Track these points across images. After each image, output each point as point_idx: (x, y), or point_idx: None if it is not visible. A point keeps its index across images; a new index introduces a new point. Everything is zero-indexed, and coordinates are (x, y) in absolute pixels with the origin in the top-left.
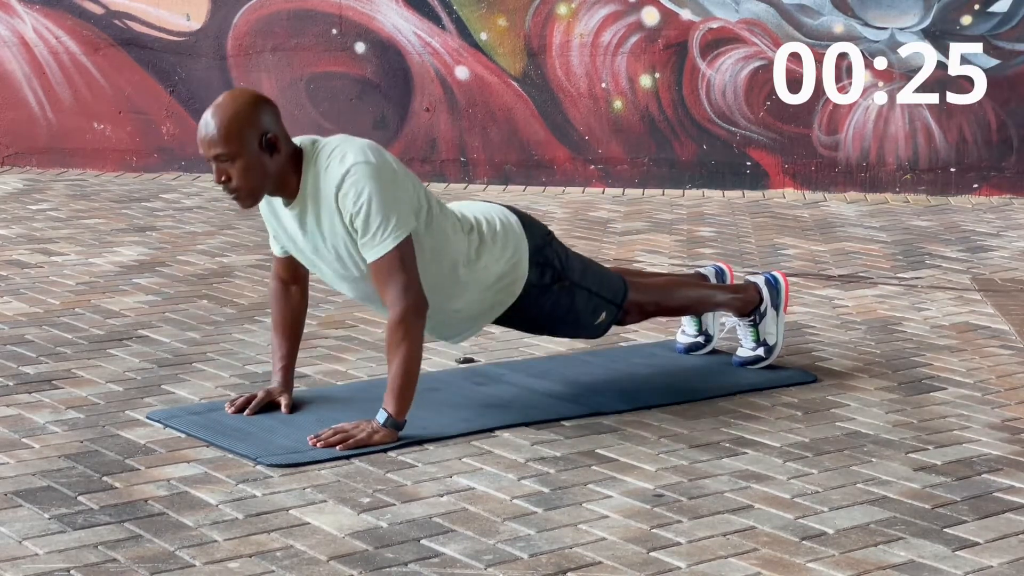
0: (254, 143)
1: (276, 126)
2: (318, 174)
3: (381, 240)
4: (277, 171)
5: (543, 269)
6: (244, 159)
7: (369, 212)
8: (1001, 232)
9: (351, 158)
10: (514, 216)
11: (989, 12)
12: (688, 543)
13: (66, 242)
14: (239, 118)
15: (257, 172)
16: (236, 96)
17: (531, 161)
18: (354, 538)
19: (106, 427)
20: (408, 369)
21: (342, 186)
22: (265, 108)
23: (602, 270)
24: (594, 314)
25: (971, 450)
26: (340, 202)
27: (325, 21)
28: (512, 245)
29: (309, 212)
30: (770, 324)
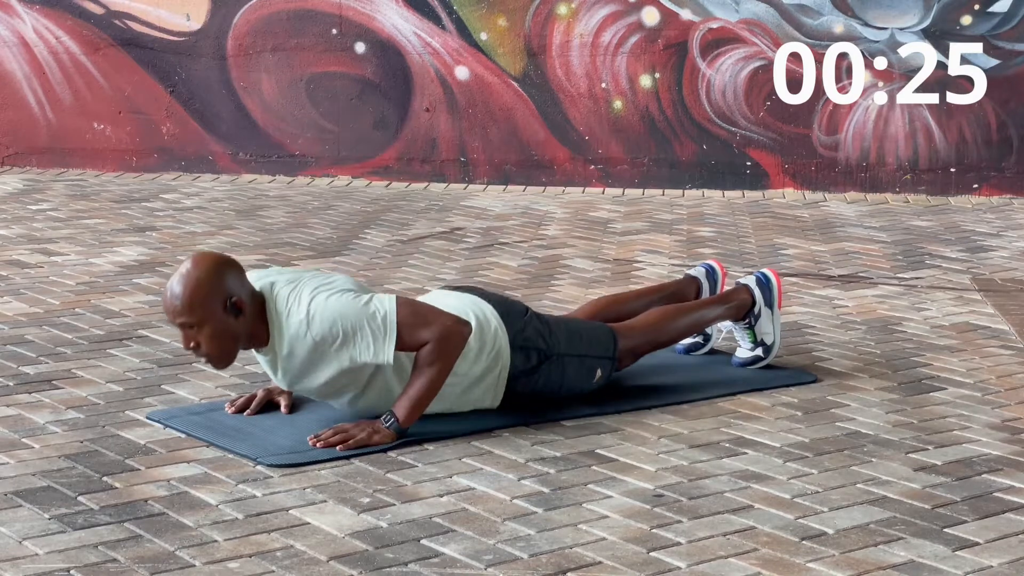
0: (219, 309)
1: (240, 287)
2: (280, 322)
3: (383, 331)
4: (245, 330)
5: (527, 353)
6: (210, 326)
7: (350, 329)
8: (1001, 232)
9: (305, 297)
10: (488, 306)
11: (989, 12)
12: (688, 543)
13: (66, 242)
14: (201, 286)
15: (225, 337)
16: (198, 263)
17: (531, 161)
18: (354, 538)
19: (106, 427)
20: (431, 386)
21: (310, 329)
22: (227, 272)
23: (587, 329)
24: (589, 375)
25: (971, 450)
26: (320, 344)
27: (325, 21)
28: (490, 342)
29: (281, 358)
30: (766, 324)
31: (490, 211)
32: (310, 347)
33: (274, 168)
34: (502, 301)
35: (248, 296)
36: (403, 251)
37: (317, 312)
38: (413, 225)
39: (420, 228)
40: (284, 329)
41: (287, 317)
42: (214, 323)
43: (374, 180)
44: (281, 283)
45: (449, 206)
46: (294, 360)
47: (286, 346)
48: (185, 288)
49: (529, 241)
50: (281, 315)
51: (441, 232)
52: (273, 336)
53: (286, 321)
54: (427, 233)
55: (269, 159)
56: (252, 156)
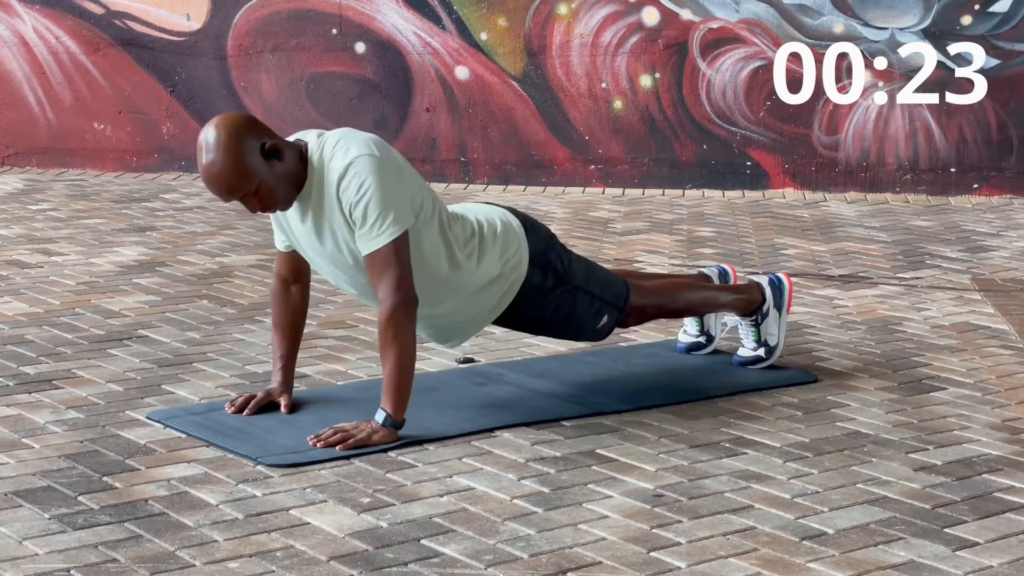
0: (260, 164)
1: (265, 134)
2: (322, 166)
3: (378, 234)
4: (292, 171)
5: (545, 272)
6: (262, 183)
7: (368, 204)
8: (1001, 232)
9: (355, 151)
10: (515, 218)
11: (989, 12)
12: (688, 543)
13: (66, 242)
14: (232, 155)
15: (280, 184)
16: (218, 134)
17: (531, 161)
18: (354, 538)
19: (106, 427)
20: (402, 367)
21: (344, 177)
22: (247, 129)
23: (605, 273)
24: (596, 317)
25: (971, 450)
26: (341, 193)
27: (325, 21)
28: (512, 247)
29: (311, 204)
30: (772, 325)
31: None
32: (335, 196)
33: None
34: (530, 219)
35: (280, 140)
36: None
37: (356, 168)
38: None
39: None
40: (325, 169)
41: (330, 159)
42: (263, 178)
43: None
44: (328, 134)
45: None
46: (322, 202)
47: (320, 185)
48: (221, 167)
49: None
50: (325, 158)
51: None
52: (311, 177)
53: (328, 165)
54: None
55: None
56: None
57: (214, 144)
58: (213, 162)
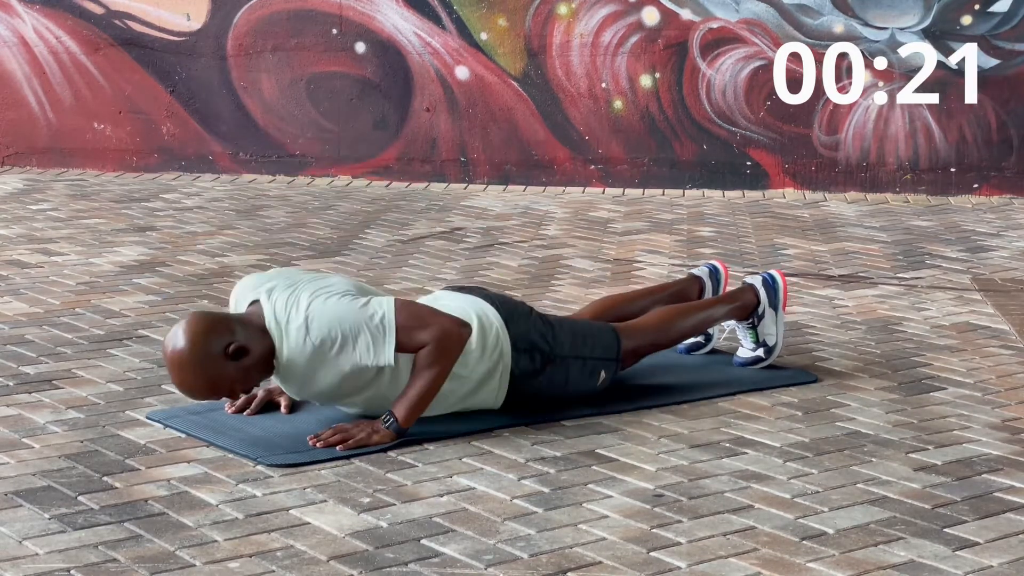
0: (228, 368)
1: (227, 334)
2: (281, 332)
3: (382, 333)
4: (261, 354)
5: (531, 355)
6: (234, 381)
7: (350, 333)
8: (1001, 232)
9: (304, 301)
10: (491, 308)
11: (989, 12)
12: (688, 543)
13: (66, 242)
14: (199, 368)
15: (251, 374)
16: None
17: (531, 161)
18: (354, 538)
19: (106, 427)
20: (431, 387)
21: (309, 334)
22: (207, 335)
23: (591, 330)
24: (592, 377)
25: (971, 450)
26: (320, 349)
27: (325, 21)
28: (490, 343)
29: (282, 365)
30: (769, 325)
31: (490, 211)
32: (310, 352)
33: (274, 168)
34: (505, 302)
35: (242, 330)
36: (403, 251)
37: (315, 316)
38: (413, 225)
39: (420, 228)
40: (284, 337)
41: (286, 324)
42: (235, 376)
43: (374, 180)
44: (280, 288)
45: (449, 206)
46: (296, 367)
47: (287, 353)
48: (189, 382)
49: (529, 241)
50: (280, 324)
51: (441, 232)
52: (276, 345)
53: (285, 329)
54: (427, 233)
55: (269, 159)
56: (252, 156)
57: (180, 362)
58: (183, 379)
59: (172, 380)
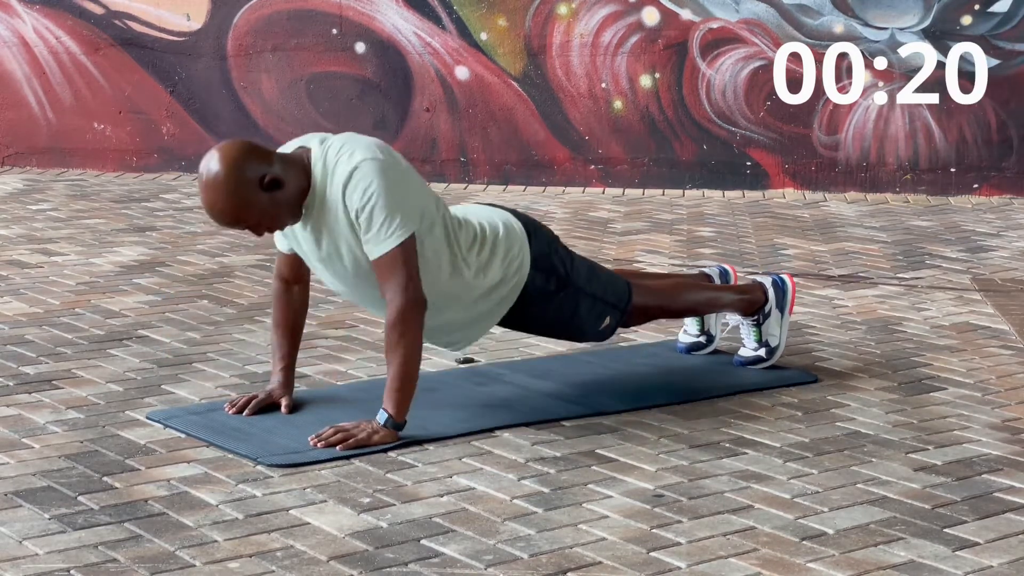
0: (260, 198)
1: (264, 163)
2: (326, 173)
3: (385, 237)
4: (295, 193)
5: (548, 275)
6: (263, 215)
7: (374, 208)
8: (1001, 232)
9: (359, 155)
10: (518, 222)
11: (989, 12)
12: (688, 543)
13: (66, 242)
14: (231, 194)
15: (282, 211)
16: (217, 171)
17: (531, 161)
18: (354, 538)
19: (106, 427)
20: (407, 368)
21: (349, 182)
22: (245, 162)
23: (607, 274)
24: (598, 319)
25: (971, 450)
26: (347, 198)
27: (325, 21)
28: (514, 250)
29: (314, 212)
30: (773, 325)
31: None
32: (340, 201)
33: None
34: (532, 222)
35: (280, 164)
36: None
37: (362, 174)
38: None
39: None
40: (328, 178)
41: (333, 168)
42: (263, 208)
43: None
44: (334, 141)
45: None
46: (328, 211)
47: (324, 193)
48: (220, 203)
49: None
50: (328, 166)
51: None
52: (314, 185)
53: (332, 171)
54: None
55: None
56: None
57: (212, 182)
58: (214, 201)
59: (202, 202)
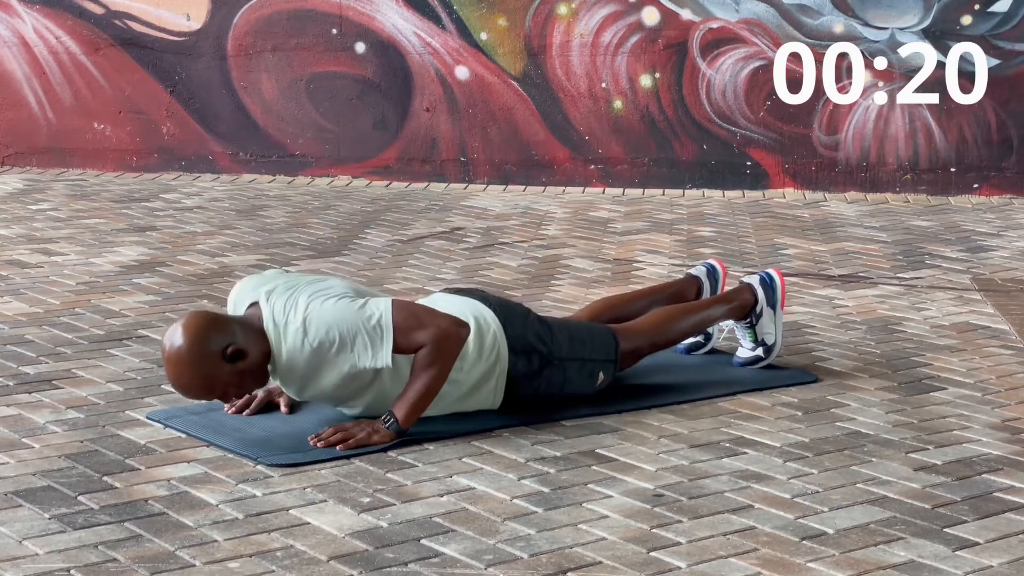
0: (225, 369)
1: (225, 335)
2: (278, 333)
3: (380, 336)
4: (258, 358)
5: (529, 357)
6: (227, 384)
7: (347, 334)
8: (1001, 232)
9: (302, 304)
10: (487, 310)
11: (989, 12)
12: (688, 543)
13: (66, 242)
14: (196, 368)
15: (247, 378)
16: (180, 348)
17: (531, 161)
18: (354, 538)
19: (106, 427)
20: (430, 388)
21: (307, 336)
22: (208, 336)
23: (588, 332)
24: (591, 378)
25: (971, 450)
26: (318, 350)
27: (325, 21)
28: (487, 343)
29: (281, 369)
30: (767, 324)
31: (490, 211)
32: (308, 354)
33: (274, 168)
34: (502, 304)
35: (242, 332)
36: (403, 251)
37: (313, 318)
38: (413, 225)
39: (420, 228)
40: (282, 339)
41: (284, 326)
42: (229, 379)
43: (374, 180)
44: (278, 291)
45: (449, 206)
46: (296, 369)
47: (285, 355)
48: (184, 380)
49: (529, 241)
50: (279, 325)
51: (441, 232)
52: (273, 347)
53: (284, 330)
54: (427, 233)
55: (269, 159)
56: (252, 156)
57: (176, 357)
58: (179, 375)
59: (167, 376)
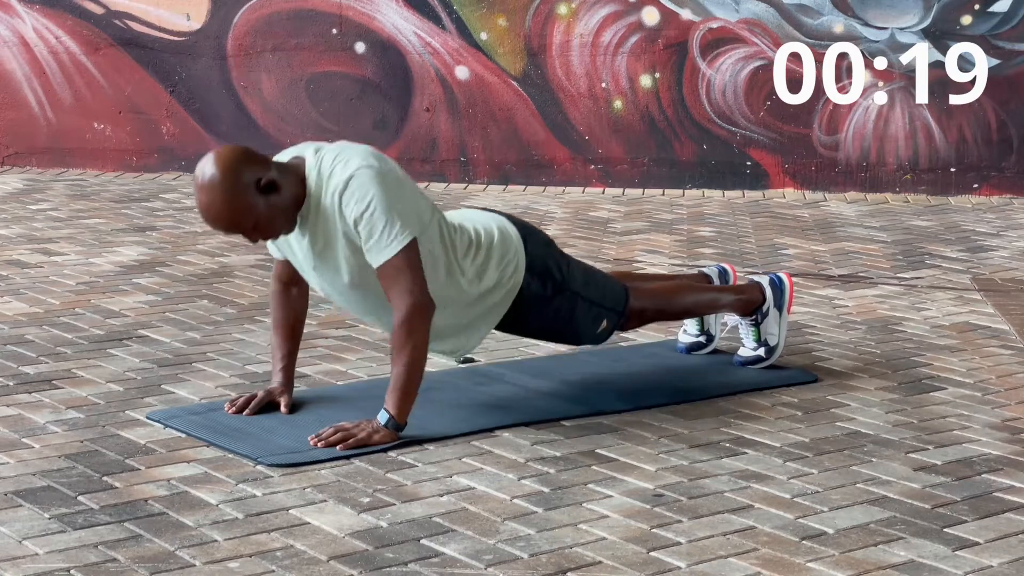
0: (257, 201)
1: (261, 168)
2: (321, 183)
3: (387, 244)
4: (291, 199)
5: (544, 280)
6: (259, 219)
7: (374, 216)
8: (1001, 232)
9: (355, 163)
10: (512, 226)
11: (989, 12)
12: (688, 543)
13: (66, 242)
14: (227, 196)
15: (278, 216)
16: (213, 174)
17: (531, 161)
18: (354, 538)
19: (106, 427)
20: (411, 371)
21: (346, 190)
22: (241, 166)
23: (604, 277)
24: (595, 322)
25: (971, 450)
26: (344, 207)
27: (325, 21)
28: (509, 255)
29: (311, 219)
30: (772, 324)
31: None
32: (336, 210)
33: None
34: (527, 225)
35: (277, 170)
36: None
37: (357, 181)
38: None
39: None
40: (324, 187)
41: (329, 177)
42: (260, 212)
43: None
44: (328, 150)
45: (449, 206)
46: (326, 221)
47: (319, 202)
48: (217, 207)
49: None
50: (323, 175)
51: None
52: (312, 193)
53: (327, 179)
54: None
55: None
56: None
57: (208, 184)
58: (210, 203)
59: (197, 206)
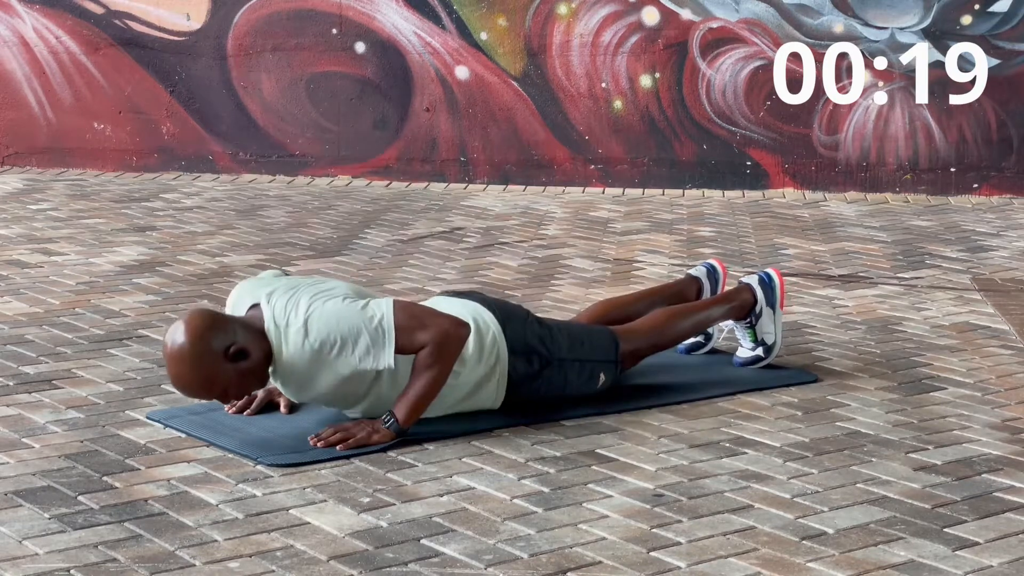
0: (228, 368)
1: (227, 334)
2: (280, 335)
3: (380, 333)
4: (261, 360)
5: (529, 358)
6: (228, 383)
7: (352, 332)
8: (1001, 232)
9: (303, 304)
10: (487, 312)
11: (989, 12)
12: (688, 543)
13: (66, 242)
14: (197, 366)
15: (248, 378)
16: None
17: (531, 161)
18: (354, 538)
19: (106, 427)
20: (430, 387)
21: (308, 335)
22: (210, 335)
23: (588, 333)
24: (592, 379)
25: (971, 450)
26: (320, 348)
27: (325, 21)
28: (487, 344)
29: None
30: (767, 323)
31: (490, 211)
32: (309, 355)
33: (274, 168)
34: (502, 306)
35: (241, 331)
36: (403, 251)
37: (315, 319)
38: (413, 225)
39: (420, 228)
40: (283, 339)
41: (286, 327)
42: (231, 379)
43: (374, 180)
44: (279, 293)
45: (449, 206)
46: (296, 370)
47: (286, 356)
48: (185, 378)
49: (529, 241)
50: (280, 326)
51: (441, 232)
52: (274, 348)
53: (285, 331)
54: (427, 233)
55: (269, 159)
56: (252, 156)
57: (179, 356)
58: (179, 375)
59: (169, 374)
